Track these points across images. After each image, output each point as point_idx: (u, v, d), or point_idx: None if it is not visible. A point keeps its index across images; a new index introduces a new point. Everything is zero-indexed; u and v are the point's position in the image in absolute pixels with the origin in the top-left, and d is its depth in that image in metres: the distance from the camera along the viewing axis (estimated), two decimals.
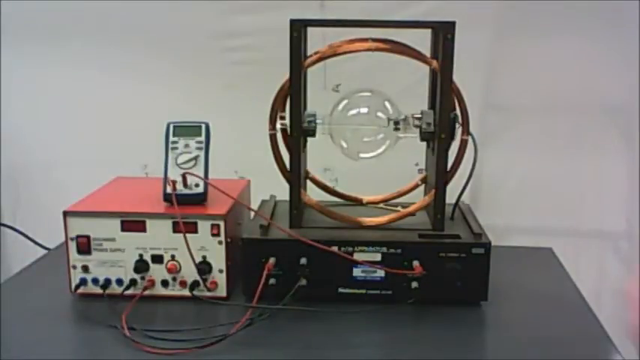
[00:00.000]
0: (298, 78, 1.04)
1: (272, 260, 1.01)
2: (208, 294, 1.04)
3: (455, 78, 1.03)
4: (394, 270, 1.01)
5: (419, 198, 1.15)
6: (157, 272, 1.05)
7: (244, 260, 1.03)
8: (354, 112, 1.10)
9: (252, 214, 1.14)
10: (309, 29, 1.07)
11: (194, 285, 1.04)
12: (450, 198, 1.10)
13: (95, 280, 1.05)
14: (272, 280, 1.01)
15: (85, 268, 1.05)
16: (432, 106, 1.11)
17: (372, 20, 1.06)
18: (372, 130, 1.10)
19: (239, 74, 1.54)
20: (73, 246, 1.04)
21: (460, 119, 1.08)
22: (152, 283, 1.05)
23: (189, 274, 1.04)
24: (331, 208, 1.12)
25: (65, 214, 1.04)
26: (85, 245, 1.04)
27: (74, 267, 1.05)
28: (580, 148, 1.53)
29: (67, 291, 1.05)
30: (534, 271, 1.20)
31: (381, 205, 1.20)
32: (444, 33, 1.00)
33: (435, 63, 1.06)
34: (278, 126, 1.09)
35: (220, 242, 1.03)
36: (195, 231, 1.03)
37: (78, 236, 1.04)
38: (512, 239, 1.41)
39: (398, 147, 1.11)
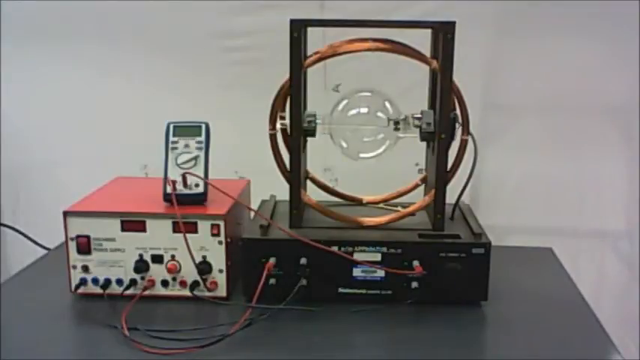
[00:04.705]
0: (298, 78, 1.04)
1: (272, 260, 1.01)
2: (208, 294, 1.04)
3: (455, 78, 1.03)
4: (394, 270, 1.01)
5: (419, 198, 1.15)
6: (157, 272, 1.05)
7: (244, 260, 1.03)
8: (354, 112, 1.10)
9: (252, 214, 1.14)
10: (309, 29, 1.07)
11: (194, 285, 1.04)
12: (450, 198, 1.10)
13: (95, 280, 1.05)
14: (272, 280, 1.01)
15: (85, 268, 1.05)
16: (432, 106, 1.11)
17: (372, 20, 1.06)
18: (372, 130, 1.10)
19: (239, 74, 1.54)
20: (73, 246, 1.04)
21: (460, 119, 1.07)
22: (152, 283, 1.05)
23: (190, 274, 1.04)
24: (331, 208, 1.12)
25: (65, 214, 1.04)
26: (85, 245, 1.04)
27: (74, 267, 1.05)
28: (580, 148, 1.53)
29: (67, 291, 1.05)
30: (534, 271, 1.19)
31: (381, 205, 1.20)
32: (444, 33, 1.00)
33: (435, 63, 1.06)
34: (278, 126, 1.09)
35: (220, 242, 1.03)
36: (195, 231, 1.03)
37: (78, 236, 1.04)
38: (512, 239, 1.41)
39: (398, 147, 1.11)
